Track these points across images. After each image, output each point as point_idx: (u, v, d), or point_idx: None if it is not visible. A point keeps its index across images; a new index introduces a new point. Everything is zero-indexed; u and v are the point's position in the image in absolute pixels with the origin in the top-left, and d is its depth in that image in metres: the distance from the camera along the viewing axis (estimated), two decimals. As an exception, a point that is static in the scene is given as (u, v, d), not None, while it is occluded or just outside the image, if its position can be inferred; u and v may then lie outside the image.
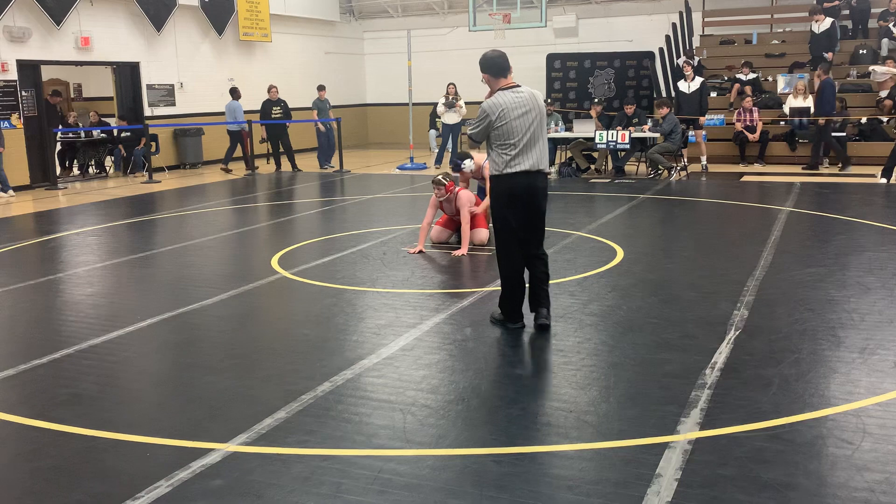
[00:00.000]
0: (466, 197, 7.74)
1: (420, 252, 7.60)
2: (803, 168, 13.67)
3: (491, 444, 3.58)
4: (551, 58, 18.76)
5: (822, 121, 13.33)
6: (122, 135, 15.46)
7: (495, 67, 5.08)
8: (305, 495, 3.15)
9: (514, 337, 5.08)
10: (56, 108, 15.25)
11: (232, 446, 3.58)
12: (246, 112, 16.76)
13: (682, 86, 13.94)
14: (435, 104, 16.08)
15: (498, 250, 5.21)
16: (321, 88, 16.36)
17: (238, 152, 15.74)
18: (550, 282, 5.29)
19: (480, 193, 8.43)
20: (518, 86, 5.05)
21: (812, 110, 13.92)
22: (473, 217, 7.78)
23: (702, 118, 13.71)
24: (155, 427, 3.85)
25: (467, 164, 8.05)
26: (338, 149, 15.85)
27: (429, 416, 3.88)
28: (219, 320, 5.69)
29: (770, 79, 16.20)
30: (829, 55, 15.07)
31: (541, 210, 5.14)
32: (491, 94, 5.07)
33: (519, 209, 5.05)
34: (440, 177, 7.80)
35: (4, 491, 3.29)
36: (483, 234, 7.82)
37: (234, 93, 15.79)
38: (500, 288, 5.29)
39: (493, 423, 3.81)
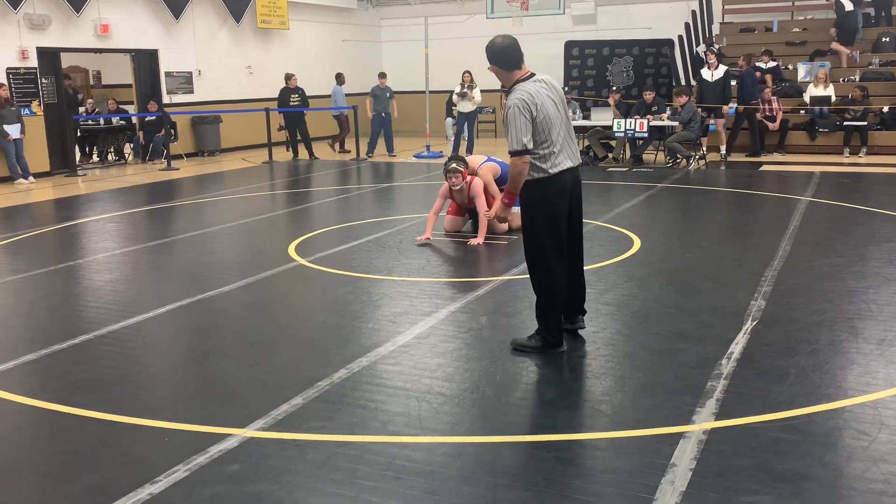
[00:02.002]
0: (480, 184, 7.64)
1: (427, 241, 7.49)
2: (747, 156, 14.05)
3: (505, 432, 3.60)
4: (569, 45, 18.65)
5: (740, 108, 13.93)
6: (147, 119, 15.54)
7: (508, 59, 4.37)
8: (321, 480, 3.18)
9: (529, 326, 5.08)
10: (69, 92, 15.32)
11: (249, 432, 3.62)
12: (264, 100, 16.82)
13: (705, 73, 13.82)
14: (451, 92, 16.04)
15: (542, 271, 4.46)
16: (382, 76, 16.39)
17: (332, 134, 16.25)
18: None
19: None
20: (534, 74, 4.46)
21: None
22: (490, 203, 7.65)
23: (725, 107, 13.60)
24: (173, 412, 3.90)
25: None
26: (354, 136, 15.88)
27: (444, 404, 3.90)
28: (236, 307, 5.73)
29: (790, 67, 16.04)
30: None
31: (582, 210, 4.64)
32: (510, 88, 4.39)
33: (566, 213, 4.44)
34: (454, 164, 7.54)
35: (26, 474, 3.34)
36: (503, 224, 7.72)
37: (339, 78, 16.40)
38: (521, 277, 5.02)
39: (508, 412, 3.82)
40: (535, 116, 4.25)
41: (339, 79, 16.99)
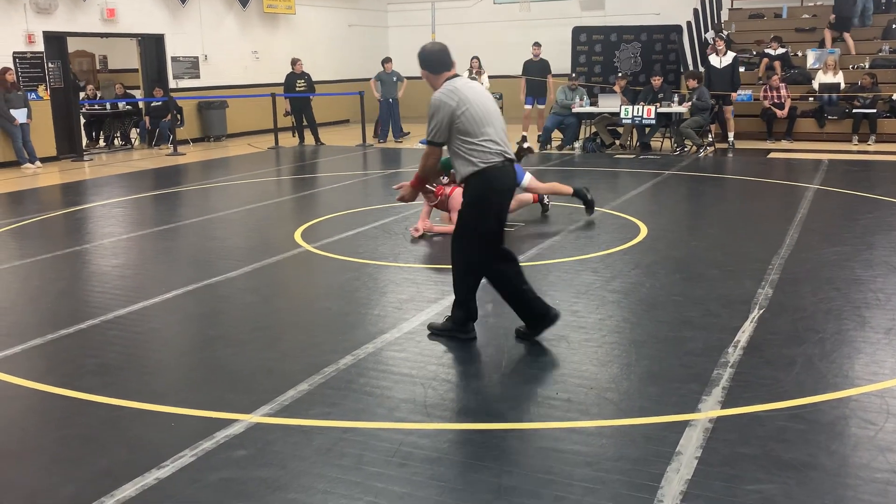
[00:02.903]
0: (459, 199, 7.25)
1: (420, 236, 7.20)
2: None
3: (511, 419, 3.60)
4: (577, 31, 18.54)
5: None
6: (152, 105, 15.52)
7: (436, 63, 4.43)
8: (327, 466, 3.19)
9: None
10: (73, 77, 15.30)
11: (255, 417, 3.63)
12: (270, 85, 16.78)
13: (714, 60, 13.72)
14: (458, 78, 15.99)
15: (467, 261, 4.52)
16: (387, 61, 16.32)
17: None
18: (572, 259, 5.25)
19: None
20: (459, 76, 4.47)
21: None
22: None
23: (733, 94, 13.52)
24: (180, 397, 3.91)
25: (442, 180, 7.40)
26: (361, 122, 15.85)
27: (449, 391, 3.90)
28: (242, 293, 5.74)
29: (799, 54, 15.92)
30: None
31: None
32: (436, 89, 4.41)
33: (503, 205, 4.48)
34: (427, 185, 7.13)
35: (33, 457, 3.36)
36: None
37: (385, 62, 16.08)
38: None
39: (514, 399, 3.82)
40: (457, 109, 4.27)
41: (385, 63, 16.33)
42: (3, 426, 3.70)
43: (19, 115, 12.72)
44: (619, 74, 15.10)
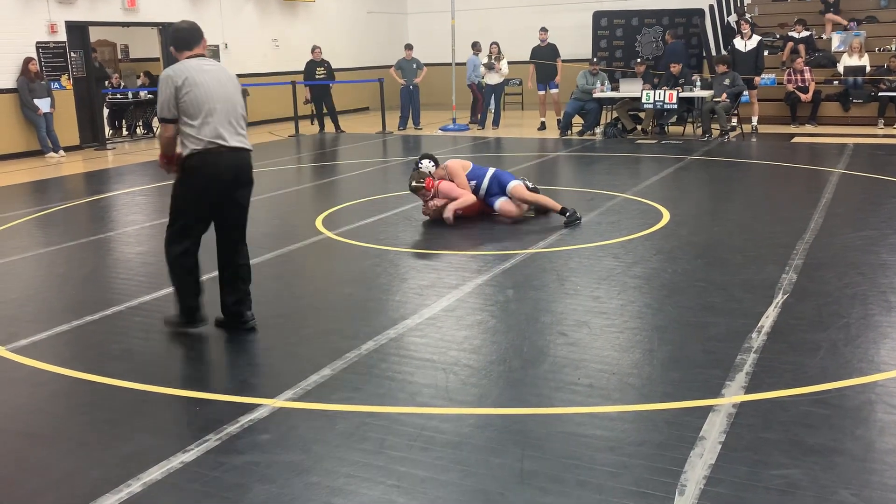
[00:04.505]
0: (448, 185, 7.21)
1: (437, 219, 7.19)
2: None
3: (533, 404, 3.60)
4: (598, 15, 18.38)
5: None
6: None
7: (179, 41, 4.47)
8: (350, 450, 3.21)
9: (557, 299, 5.07)
10: (96, 66, 15.36)
11: (278, 402, 3.65)
12: (290, 73, 16.81)
13: (738, 44, 13.56)
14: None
15: (169, 242, 4.57)
16: (408, 47, 16.28)
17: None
18: (593, 244, 5.23)
19: None
20: (204, 56, 4.48)
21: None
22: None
23: (757, 78, 13.37)
24: (204, 382, 3.94)
25: (425, 164, 7.34)
26: (381, 109, 15.84)
27: (471, 376, 3.91)
28: (265, 279, 5.76)
29: (824, 36, 15.70)
30: None
31: (248, 192, 4.64)
32: None
33: (221, 191, 4.45)
34: (415, 182, 7.20)
35: (61, 441, 3.40)
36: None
37: (475, 47, 15.93)
38: None
39: (535, 384, 3.82)
40: (182, 88, 4.26)
41: (475, 47, 16.00)
42: (31, 411, 3.75)
43: (43, 104, 12.83)
44: (639, 60, 14.95)
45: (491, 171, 7.46)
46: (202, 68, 4.37)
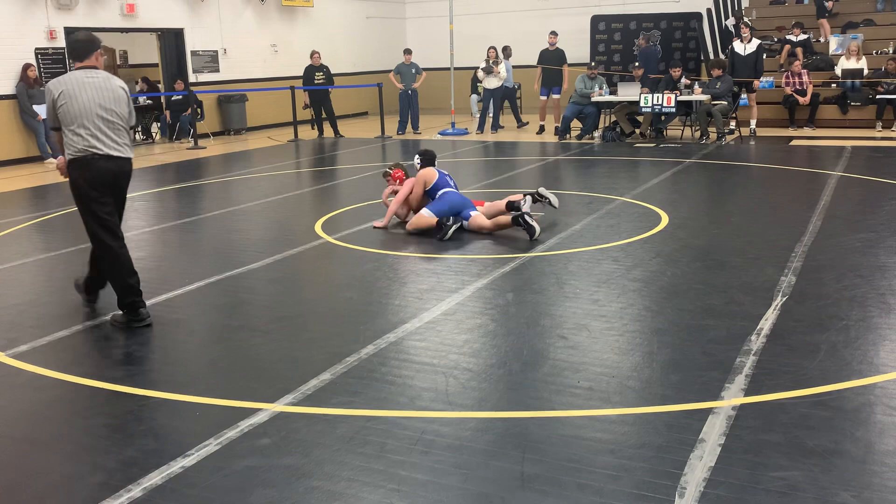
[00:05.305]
0: (408, 182, 7.35)
1: (384, 228, 7.28)
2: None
3: (532, 407, 3.60)
4: (596, 20, 18.44)
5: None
6: (173, 99, 15.60)
7: (71, 52, 4.91)
8: (350, 454, 3.21)
9: (556, 302, 5.08)
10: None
11: (279, 406, 3.66)
12: (289, 78, 16.83)
13: (738, 47, 13.58)
14: (476, 69, 15.95)
15: (94, 242, 4.98)
16: (407, 52, 16.30)
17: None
18: (592, 248, 5.24)
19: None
20: (96, 68, 4.78)
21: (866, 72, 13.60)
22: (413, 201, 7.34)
23: (756, 81, 13.39)
24: (204, 387, 3.94)
25: (415, 160, 7.61)
26: (380, 114, 15.86)
27: (471, 380, 3.91)
28: (264, 284, 5.77)
29: (821, 40, 15.73)
30: None
31: (124, 196, 4.98)
32: None
33: (105, 195, 4.79)
34: (386, 168, 7.93)
35: (62, 446, 3.41)
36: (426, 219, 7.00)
37: (506, 51, 16.14)
38: None
39: (535, 387, 3.83)
40: (59, 99, 4.62)
41: (506, 52, 16.17)
42: (32, 416, 3.76)
43: (42, 110, 12.84)
44: (636, 64, 14.98)
45: (451, 191, 7.17)
46: (82, 81, 4.69)
